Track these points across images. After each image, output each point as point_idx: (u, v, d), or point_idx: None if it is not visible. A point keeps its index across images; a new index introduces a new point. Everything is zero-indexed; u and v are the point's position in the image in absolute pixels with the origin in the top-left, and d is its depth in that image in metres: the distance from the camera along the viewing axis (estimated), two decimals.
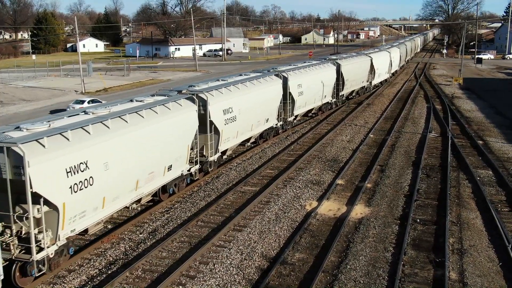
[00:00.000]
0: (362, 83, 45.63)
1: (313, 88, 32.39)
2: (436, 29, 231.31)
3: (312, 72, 32.74)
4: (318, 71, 33.86)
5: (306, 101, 31.79)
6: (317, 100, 34.04)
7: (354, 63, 41.91)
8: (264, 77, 27.53)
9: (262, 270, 14.10)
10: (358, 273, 13.84)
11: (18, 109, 41.58)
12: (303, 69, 32.36)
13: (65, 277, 13.58)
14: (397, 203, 19.23)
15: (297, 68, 31.89)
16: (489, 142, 29.29)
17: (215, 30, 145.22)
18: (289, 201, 19.38)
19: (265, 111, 26.82)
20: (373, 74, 48.78)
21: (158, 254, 14.89)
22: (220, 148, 22.21)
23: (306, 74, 31.67)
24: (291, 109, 29.90)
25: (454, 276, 13.75)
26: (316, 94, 33.32)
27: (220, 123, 21.64)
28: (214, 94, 21.46)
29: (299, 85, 29.66)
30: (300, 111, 31.57)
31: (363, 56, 47.39)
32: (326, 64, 36.40)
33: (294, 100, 29.63)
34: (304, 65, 34.12)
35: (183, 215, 17.91)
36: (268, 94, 26.94)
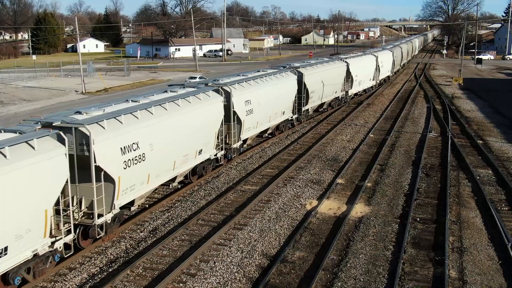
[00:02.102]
0: (335, 93, 38.27)
1: (268, 104, 26.40)
2: (436, 29, 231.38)
3: (265, 84, 26.60)
4: (274, 82, 27.73)
5: (258, 120, 25.58)
6: (273, 118, 27.82)
7: (322, 71, 34.87)
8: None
9: (263, 268, 14.14)
10: (358, 271, 13.88)
11: (18, 109, 41.64)
12: (253, 80, 25.82)
13: (66, 275, 13.62)
14: (397, 202, 19.28)
15: (244, 79, 25.27)
16: (488, 141, 29.35)
17: (215, 31, 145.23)
18: (289, 200, 19.42)
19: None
20: (350, 82, 41.21)
21: (159, 252, 14.93)
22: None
23: (258, 87, 25.48)
24: (238, 132, 23.69)
25: (454, 274, 13.80)
26: (271, 111, 27.26)
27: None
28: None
29: (247, 102, 24.10)
30: (250, 133, 25.31)
31: (337, 61, 39.92)
32: (285, 73, 30.02)
33: (241, 121, 23.53)
34: (255, 75, 27.40)
35: (184, 214, 17.95)
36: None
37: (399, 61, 68.75)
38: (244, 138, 24.43)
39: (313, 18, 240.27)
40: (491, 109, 41.26)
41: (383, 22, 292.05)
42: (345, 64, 40.34)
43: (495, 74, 74.34)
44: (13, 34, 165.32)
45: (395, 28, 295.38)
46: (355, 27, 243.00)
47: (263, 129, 26.87)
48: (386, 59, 56.30)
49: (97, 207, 14.43)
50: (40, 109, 40.89)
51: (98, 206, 14.46)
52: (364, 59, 47.40)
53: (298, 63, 34.59)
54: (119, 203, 15.36)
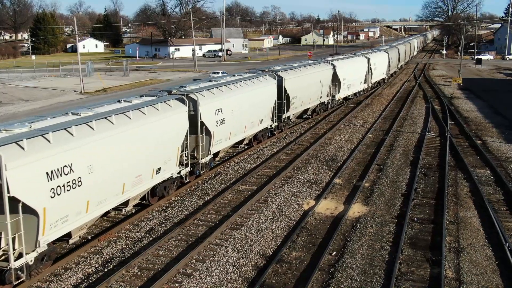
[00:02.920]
0: (319, 98, 35.50)
1: (243, 112, 24.05)
2: (435, 30, 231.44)
3: (240, 91, 24.00)
4: (250, 87, 25.09)
5: (231, 131, 23.22)
6: (249, 127, 25.47)
7: (305, 74, 32.24)
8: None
9: (259, 268, 14.09)
10: (354, 271, 13.83)
11: (17, 108, 41.59)
12: (226, 86, 23.13)
13: (61, 275, 13.57)
14: (394, 202, 19.22)
15: (215, 85, 22.59)
16: (487, 141, 29.30)
17: (214, 31, 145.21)
18: (286, 200, 19.37)
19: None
20: (337, 86, 38.57)
21: (155, 252, 14.88)
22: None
23: (231, 94, 23.06)
24: (207, 145, 21.38)
25: (451, 275, 13.74)
26: (247, 120, 24.85)
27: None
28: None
29: (217, 111, 21.61)
30: (222, 145, 22.85)
31: (322, 64, 36.66)
32: (263, 78, 27.22)
33: (210, 132, 21.21)
34: (228, 80, 24.65)
35: (180, 214, 17.90)
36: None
37: (395, 63, 65.49)
38: (214, 152, 22.04)
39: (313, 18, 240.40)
40: (490, 109, 41.21)
41: (383, 23, 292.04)
42: (332, 67, 37.36)
43: (494, 74, 74.29)
44: (12, 34, 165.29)
45: (395, 29, 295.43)
46: (355, 27, 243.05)
47: (237, 140, 24.45)
48: (380, 60, 53.41)
49: (12, 246, 12.20)
50: (38, 109, 40.85)
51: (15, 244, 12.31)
52: (353, 61, 44.21)
53: (279, 66, 32.11)
54: (45, 240, 12.98)
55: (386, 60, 56.33)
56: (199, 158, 20.71)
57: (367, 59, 46.96)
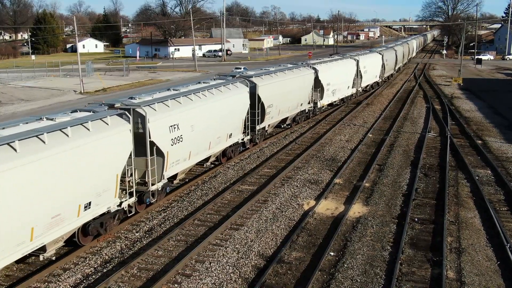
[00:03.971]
0: (300, 106, 32.26)
1: (207, 126, 20.70)
2: (436, 30, 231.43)
3: (203, 101, 20.43)
4: (217, 97, 21.66)
5: (192, 149, 19.75)
6: (215, 143, 21.84)
7: (282, 80, 28.72)
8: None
9: (259, 268, 14.01)
10: (355, 272, 13.75)
11: (16, 108, 41.52)
12: (185, 97, 19.60)
13: (60, 276, 13.49)
14: (395, 202, 19.15)
15: (171, 96, 18.95)
16: (488, 141, 29.22)
17: (214, 31, 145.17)
18: (286, 200, 19.29)
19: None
20: (319, 92, 35.14)
21: (154, 252, 14.80)
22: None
23: (191, 106, 19.53)
24: (160, 168, 17.94)
25: (452, 275, 13.66)
26: (212, 135, 21.35)
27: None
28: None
29: (173, 127, 18.19)
30: (181, 167, 19.37)
31: (302, 68, 33.00)
32: (233, 85, 23.62)
33: (163, 153, 17.78)
34: (188, 90, 20.88)
35: (180, 214, 17.82)
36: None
37: (391, 65, 60.93)
38: (170, 175, 18.65)
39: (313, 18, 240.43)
40: (491, 109, 41.14)
41: (383, 23, 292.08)
42: (313, 71, 33.74)
43: (494, 74, 74.22)
44: (12, 34, 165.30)
45: (395, 29, 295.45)
46: (355, 27, 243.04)
47: (200, 159, 20.97)
48: (372, 63, 49.34)
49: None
50: (38, 109, 40.78)
51: None
52: (340, 64, 40.21)
53: (253, 71, 28.62)
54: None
55: (380, 62, 52.52)
56: (149, 185, 17.34)
57: (355, 62, 43.21)
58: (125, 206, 16.26)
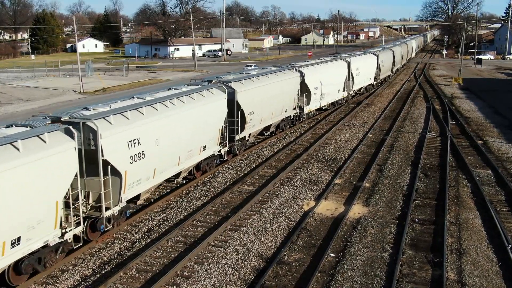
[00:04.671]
0: (284, 112, 29.85)
1: (175, 140, 18.34)
2: (436, 29, 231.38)
3: (171, 111, 18.05)
4: (188, 106, 19.19)
5: (157, 166, 17.36)
6: (185, 158, 19.44)
7: (264, 85, 26.34)
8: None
9: (258, 270, 13.92)
10: (355, 273, 13.66)
11: (16, 108, 41.44)
12: (149, 106, 17.20)
13: (58, 277, 13.39)
14: (395, 202, 19.05)
15: (131, 107, 16.51)
16: (488, 142, 29.13)
17: (214, 31, 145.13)
18: (286, 200, 19.20)
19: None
20: (306, 96, 32.75)
21: (153, 253, 14.70)
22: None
23: (155, 117, 17.09)
24: (117, 190, 15.49)
25: (453, 277, 13.57)
26: (181, 149, 18.93)
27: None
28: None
29: (132, 142, 15.77)
30: (144, 187, 16.97)
31: (287, 72, 30.41)
32: (208, 91, 21.15)
33: (121, 175, 15.37)
34: (154, 98, 18.41)
35: (179, 215, 17.73)
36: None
37: (388, 66, 58.41)
38: (130, 197, 16.25)
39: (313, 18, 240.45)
40: (491, 109, 41.05)
41: (383, 22, 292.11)
42: (299, 74, 31.45)
43: (495, 74, 74.14)
44: (12, 34, 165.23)
45: (395, 28, 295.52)
46: (355, 27, 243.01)
47: (168, 176, 18.63)
48: (366, 64, 46.59)
49: None
50: (37, 109, 40.68)
51: None
52: (329, 66, 37.42)
53: (232, 75, 26.14)
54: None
55: (375, 64, 49.84)
56: (103, 210, 14.88)
57: (347, 63, 40.40)
58: (70, 237, 13.74)
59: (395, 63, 63.63)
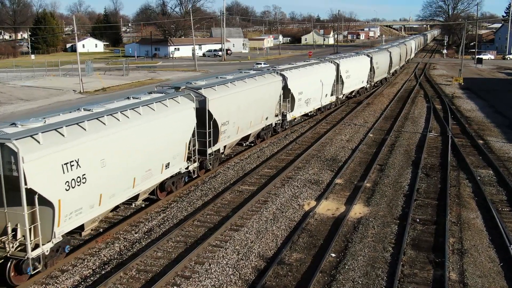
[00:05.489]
0: (264, 120, 27.17)
1: (129, 158, 15.82)
2: (436, 29, 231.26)
3: (123, 126, 15.52)
4: (147, 118, 16.70)
5: (104, 191, 14.86)
6: (143, 178, 16.89)
7: (241, 91, 23.74)
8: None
9: (259, 270, 13.85)
10: (356, 274, 13.59)
11: (15, 108, 41.37)
12: (96, 120, 14.74)
13: (58, 277, 13.33)
14: (396, 202, 18.99)
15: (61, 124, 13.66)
16: (489, 141, 29.06)
17: (214, 30, 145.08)
18: (287, 200, 19.13)
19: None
20: (289, 102, 30.15)
21: (153, 254, 14.64)
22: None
23: (101, 133, 14.54)
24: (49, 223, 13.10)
25: (454, 277, 13.50)
26: (137, 169, 16.40)
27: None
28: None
29: (69, 165, 13.28)
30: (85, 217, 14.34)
31: (267, 75, 27.76)
32: (172, 100, 18.60)
33: (54, 205, 12.90)
34: (104, 109, 15.84)
35: (179, 215, 17.67)
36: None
37: (384, 68, 55.97)
38: (68, 231, 13.71)
39: (313, 18, 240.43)
40: (492, 109, 40.98)
41: (383, 22, 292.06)
42: (281, 78, 28.72)
43: (495, 74, 74.07)
44: (12, 34, 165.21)
45: (395, 28, 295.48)
46: (355, 27, 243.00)
47: (120, 201, 15.97)
48: (358, 67, 43.83)
49: None
50: (37, 109, 40.63)
51: None
52: (314, 69, 34.31)
53: (203, 81, 23.01)
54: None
55: (368, 66, 47.32)
56: (28, 249, 12.49)
57: (335, 66, 37.81)
58: None
59: (392, 65, 61.40)
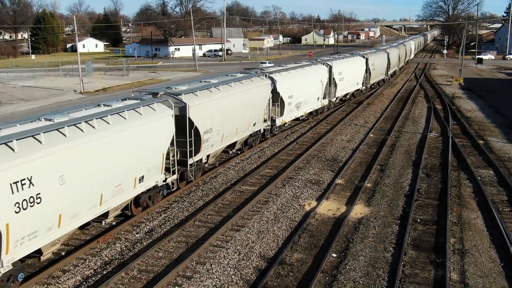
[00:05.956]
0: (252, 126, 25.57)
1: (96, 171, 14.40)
2: (436, 29, 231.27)
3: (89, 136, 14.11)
4: (116, 128, 15.21)
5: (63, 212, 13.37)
6: (110, 195, 15.22)
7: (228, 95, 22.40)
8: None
9: (260, 270, 13.87)
10: (357, 274, 13.61)
11: (16, 108, 41.39)
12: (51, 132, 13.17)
13: (59, 277, 13.35)
14: (397, 202, 19.00)
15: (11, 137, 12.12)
16: (489, 141, 29.08)
17: (215, 31, 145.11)
18: (288, 200, 19.15)
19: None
20: (279, 106, 28.57)
21: (155, 254, 14.66)
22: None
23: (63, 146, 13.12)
24: None
25: (455, 277, 13.52)
26: (105, 184, 14.92)
27: None
28: None
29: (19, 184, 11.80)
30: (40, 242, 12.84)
31: (256, 79, 26.03)
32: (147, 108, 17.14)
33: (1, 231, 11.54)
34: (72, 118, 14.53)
35: (180, 215, 17.69)
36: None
37: (381, 69, 54.09)
38: (19, 258, 12.29)
39: (313, 18, 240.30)
40: (492, 109, 41.00)
41: (383, 22, 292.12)
42: (270, 82, 27.26)
43: (495, 74, 74.08)
44: (12, 34, 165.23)
45: (395, 28, 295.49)
46: (355, 27, 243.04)
47: (84, 221, 14.43)
48: (352, 68, 42.02)
49: None
50: (38, 109, 40.65)
51: None
52: (305, 71, 32.84)
53: (185, 86, 21.61)
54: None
55: (363, 67, 45.77)
56: None
57: (327, 68, 36.24)
58: None
59: (390, 66, 59.39)
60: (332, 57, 45.00)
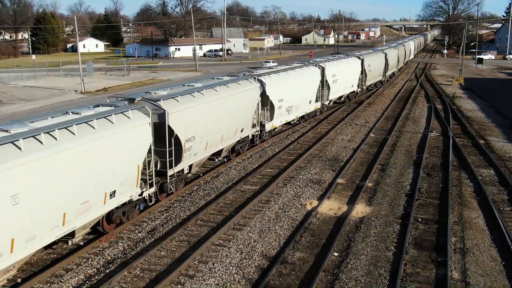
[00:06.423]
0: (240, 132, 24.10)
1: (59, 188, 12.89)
2: (436, 29, 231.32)
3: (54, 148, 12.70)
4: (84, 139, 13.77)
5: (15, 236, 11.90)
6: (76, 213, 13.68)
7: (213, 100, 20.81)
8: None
9: (262, 269, 13.93)
10: (359, 272, 13.67)
11: (17, 108, 41.44)
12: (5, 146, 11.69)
13: (62, 276, 13.41)
14: (398, 202, 19.06)
15: None
16: (490, 141, 29.14)
17: (215, 31, 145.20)
18: (289, 200, 19.21)
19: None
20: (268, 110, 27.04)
21: (157, 253, 14.72)
22: None
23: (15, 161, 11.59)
24: None
25: (457, 276, 13.58)
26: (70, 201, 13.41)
27: None
28: None
29: None
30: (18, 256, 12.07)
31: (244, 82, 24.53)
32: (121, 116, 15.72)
33: None
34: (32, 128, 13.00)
35: (182, 214, 17.75)
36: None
37: (378, 71, 52.66)
38: None
39: (313, 18, 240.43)
40: (492, 109, 41.06)
41: (383, 22, 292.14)
42: (258, 85, 25.69)
43: (496, 74, 74.14)
44: (13, 34, 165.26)
45: (395, 28, 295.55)
46: (356, 27, 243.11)
47: (43, 245, 12.93)
48: (347, 70, 40.42)
49: None
50: (38, 109, 40.70)
51: None
52: (296, 74, 31.34)
53: (165, 90, 19.74)
54: None
55: (358, 69, 43.88)
56: None
57: (320, 69, 34.64)
58: None
59: (388, 67, 57.76)
60: (326, 58, 42.91)
